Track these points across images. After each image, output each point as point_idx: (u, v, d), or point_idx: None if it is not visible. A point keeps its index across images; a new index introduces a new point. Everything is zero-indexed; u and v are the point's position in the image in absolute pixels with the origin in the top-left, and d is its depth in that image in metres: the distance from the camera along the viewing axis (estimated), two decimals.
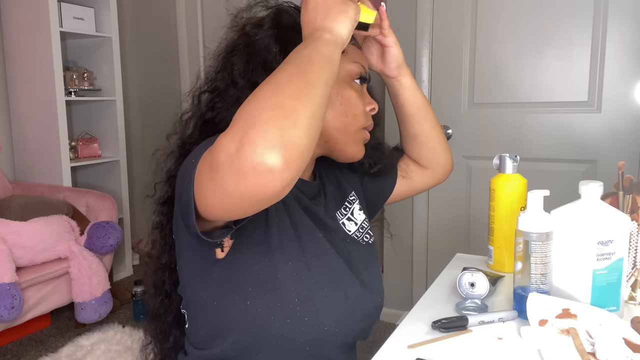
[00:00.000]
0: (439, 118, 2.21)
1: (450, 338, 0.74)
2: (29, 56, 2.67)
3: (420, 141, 0.99)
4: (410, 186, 1.03)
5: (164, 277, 0.86)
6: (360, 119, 0.82)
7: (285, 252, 0.74)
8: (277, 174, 0.50)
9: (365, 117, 0.83)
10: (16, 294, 1.93)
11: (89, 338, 2.14)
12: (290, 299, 0.72)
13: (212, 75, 0.82)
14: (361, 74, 0.83)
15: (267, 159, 0.50)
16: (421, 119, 0.97)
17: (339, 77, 0.80)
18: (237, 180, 0.51)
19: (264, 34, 0.77)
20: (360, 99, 0.82)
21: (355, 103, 0.81)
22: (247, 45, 0.78)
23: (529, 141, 2.07)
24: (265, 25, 0.78)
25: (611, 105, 1.92)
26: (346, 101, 0.80)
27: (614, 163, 1.78)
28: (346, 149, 0.83)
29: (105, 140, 3.02)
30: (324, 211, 0.85)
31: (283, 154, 0.50)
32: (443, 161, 1.02)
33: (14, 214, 2.29)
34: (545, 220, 0.76)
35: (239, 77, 0.77)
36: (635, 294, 0.86)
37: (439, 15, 2.19)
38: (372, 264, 0.89)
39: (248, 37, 0.79)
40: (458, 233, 2.25)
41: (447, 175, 1.05)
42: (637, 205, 0.86)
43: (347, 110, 0.80)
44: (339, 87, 0.80)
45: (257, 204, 0.55)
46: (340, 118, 0.80)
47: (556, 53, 1.99)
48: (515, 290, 0.80)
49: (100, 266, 2.29)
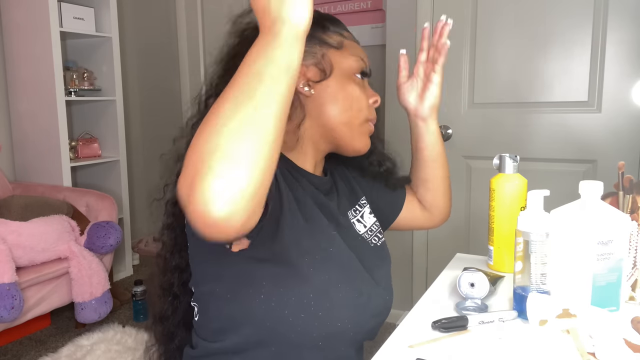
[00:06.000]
0: (439, 118, 2.22)
1: (450, 338, 0.74)
2: (29, 56, 2.67)
3: (429, 187, 1.02)
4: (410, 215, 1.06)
5: (173, 279, 0.87)
6: (364, 111, 0.84)
7: (300, 248, 0.74)
8: (224, 222, 0.47)
9: (368, 110, 0.85)
10: (16, 294, 1.93)
11: (89, 338, 2.14)
12: (305, 294, 0.73)
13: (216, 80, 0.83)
14: (362, 68, 0.84)
15: (212, 211, 0.46)
16: (436, 167, 1.00)
17: (341, 72, 0.82)
18: (197, 223, 0.48)
19: None
20: (362, 92, 0.84)
21: (358, 96, 0.83)
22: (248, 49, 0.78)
23: (529, 141, 2.07)
24: None
25: (611, 105, 1.92)
26: (349, 95, 0.82)
27: (614, 163, 1.78)
28: (353, 142, 0.84)
29: (105, 140, 3.02)
30: (337, 207, 0.87)
31: (228, 204, 0.46)
32: (444, 210, 1.06)
33: (14, 214, 2.29)
34: (545, 220, 0.76)
35: None
36: (635, 294, 0.86)
37: (439, 15, 2.19)
38: (383, 263, 0.90)
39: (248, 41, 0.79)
40: (458, 233, 2.25)
41: (442, 223, 1.09)
42: (637, 205, 0.86)
43: (351, 104, 0.82)
44: (341, 82, 0.82)
45: (230, 238, 0.51)
46: (345, 112, 0.82)
47: (556, 53, 1.99)
48: (515, 290, 0.80)
49: (100, 266, 2.29)
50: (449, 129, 2.21)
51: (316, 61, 0.81)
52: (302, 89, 0.80)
